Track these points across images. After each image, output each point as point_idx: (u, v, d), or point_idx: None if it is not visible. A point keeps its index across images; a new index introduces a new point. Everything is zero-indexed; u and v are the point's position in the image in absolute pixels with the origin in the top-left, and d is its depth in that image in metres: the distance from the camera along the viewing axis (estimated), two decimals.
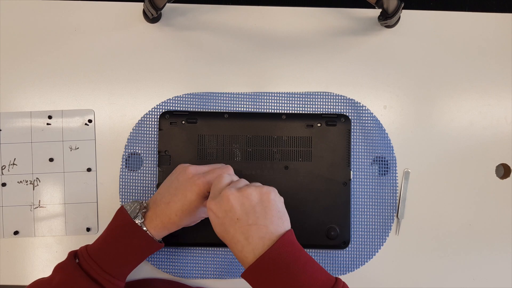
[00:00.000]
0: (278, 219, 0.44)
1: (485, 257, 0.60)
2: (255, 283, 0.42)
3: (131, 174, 0.60)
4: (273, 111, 0.61)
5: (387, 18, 0.58)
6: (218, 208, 0.44)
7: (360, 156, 0.60)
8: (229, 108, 0.61)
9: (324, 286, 0.41)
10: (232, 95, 0.61)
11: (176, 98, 0.61)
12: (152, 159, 0.60)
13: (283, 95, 0.61)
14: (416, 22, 0.62)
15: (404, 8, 0.59)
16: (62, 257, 0.59)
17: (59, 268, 0.49)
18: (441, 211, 0.61)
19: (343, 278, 0.60)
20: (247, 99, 0.61)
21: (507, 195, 0.61)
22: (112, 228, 0.50)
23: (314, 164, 0.59)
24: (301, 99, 0.61)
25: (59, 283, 0.47)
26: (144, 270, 0.59)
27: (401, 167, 0.61)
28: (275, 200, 0.45)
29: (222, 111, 0.60)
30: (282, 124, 0.59)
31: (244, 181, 0.48)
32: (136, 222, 0.48)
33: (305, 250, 0.59)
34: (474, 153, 0.61)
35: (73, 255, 0.49)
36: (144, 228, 0.49)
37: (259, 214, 0.43)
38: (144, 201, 0.51)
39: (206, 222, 0.58)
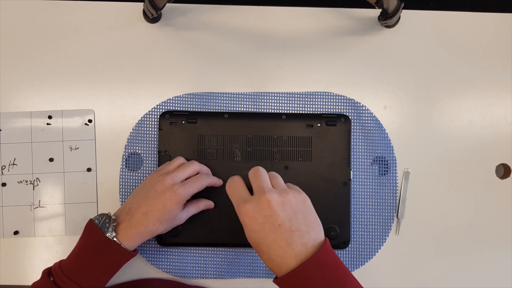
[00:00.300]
0: (317, 226, 0.44)
1: (485, 257, 0.60)
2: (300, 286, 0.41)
3: (131, 174, 0.60)
4: (273, 111, 0.61)
5: (387, 18, 0.58)
6: (257, 213, 0.42)
7: (360, 156, 0.60)
8: (229, 108, 0.61)
9: None
10: (232, 95, 0.61)
11: (176, 98, 0.61)
12: (152, 159, 0.60)
13: (283, 95, 0.61)
14: (416, 22, 0.62)
15: (404, 8, 0.59)
16: (62, 257, 0.59)
17: None
18: (441, 211, 0.61)
19: None
20: (247, 99, 0.61)
21: (507, 195, 0.61)
22: (84, 243, 0.49)
23: (314, 164, 0.59)
24: (301, 99, 0.61)
25: None
26: (144, 270, 0.59)
27: (401, 167, 0.61)
28: (312, 206, 0.45)
29: (222, 111, 0.60)
30: (282, 124, 0.59)
31: (278, 179, 0.47)
32: (108, 236, 0.48)
33: None
34: (474, 153, 0.61)
35: (47, 273, 0.49)
36: (118, 241, 0.48)
37: (300, 220, 0.42)
38: (109, 213, 0.51)
39: (206, 223, 0.58)
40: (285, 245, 0.41)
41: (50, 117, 0.61)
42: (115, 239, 0.48)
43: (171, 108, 0.61)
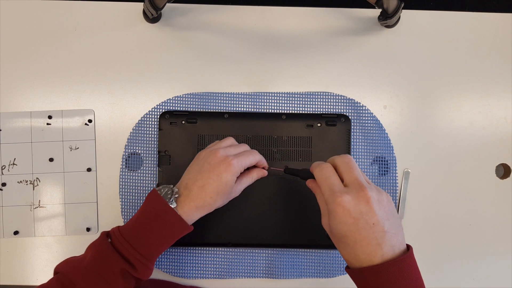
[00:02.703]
0: (401, 230, 0.44)
1: (485, 257, 0.60)
2: (372, 282, 0.41)
3: (131, 174, 0.60)
4: (273, 111, 0.61)
5: (387, 18, 0.58)
6: (354, 207, 0.41)
7: (360, 156, 0.60)
8: (229, 108, 0.61)
9: None
10: (232, 95, 0.61)
11: (176, 98, 0.61)
12: (152, 159, 0.60)
13: (283, 95, 0.61)
14: (416, 22, 0.62)
15: (404, 8, 0.59)
16: (62, 257, 0.59)
17: (91, 247, 0.49)
18: (441, 211, 0.61)
19: (343, 278, 0.60)
20: (247, 99, 0.61)
21: (507, 195, 0.61)
22: (145, 210, 0.49)
23: None
24: (301, 99, 0.61)
25: (91, 261, 0.47)
26: None
27: (401, 167, 0.61)
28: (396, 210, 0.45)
29: (222, 111, 0.60)
30: (282, 124, 0.59)
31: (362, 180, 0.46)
32: (172, 206, 0.48)
33: (305, 250, 0.60)
34: (474, 153, 0.61)
35: (106, 234, 0.49)
36: (178, 213, 0.48)
37: (391, 222, 0.42)
38: (172, 186, 0.51)
39: (206, 222, 0.58)
40: (375, 244, 0.41)
41: (50, 117, 0.61)
42: (176, 210, 0.48)
43: (171, 108, 0.60)
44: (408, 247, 0.43)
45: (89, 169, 0.60)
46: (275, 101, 0.61)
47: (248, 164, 0.52)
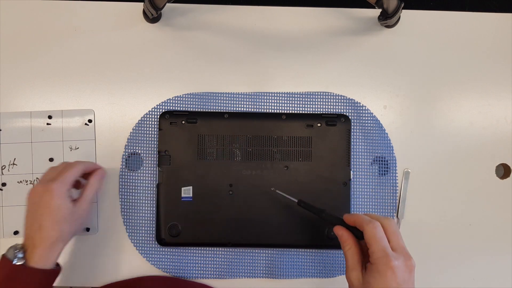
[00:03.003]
0: None
1: (485, 257, 0.60)
2: None
3: (131, 174, 0.60)
4: (273, 111, 0.61)
5: (387, 18, 0.58)
6: (400, 272, 0.44)
7: (360, 156, 0.60)
8: (229, 108, 0.61)
9: None
10: (232, 95, 0.61)
11: (176, 98, 0.61)
12: (152, 159, 0.60)
13: (283, 95, 0.61)
14: (416, 22, 0.62)
15: (404, 8, 0.59)
16: (62, 257, 0.59)
17: None
18: (441, 211, 0.61)
19: (343, 278, 0.60)
20: (247, 99, 0.61)
21: (507, 195, 0.61)
22: (2, 282, 0.46)
23: (314, 164, 0.59)
24: (301, 99, 0.61)
25: None
26: (144, 270, 0.59)
27: (401, 167, 0.61)
28: None
29: (222, 111, 0.60)
30: (282, 124, 0.59)
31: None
32: (18, 264, 0.46)
33: (305, 250, 0.59)
34: (474, 153, 0.61)
35: None
36: (31, 265, 0.47)
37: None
38: (17, 244, 0.49)
39: (206, 223, 0.58)
40: None
41: (50, 117, 0.61)
42: (26, 264, 0.46)
43: (171, 108, 0.60)
44: None
45: None
46: (275, 101, 0.61)
47: (72, 178, 0.50)
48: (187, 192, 0.58)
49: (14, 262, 0.46)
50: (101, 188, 0.52)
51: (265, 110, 0.61)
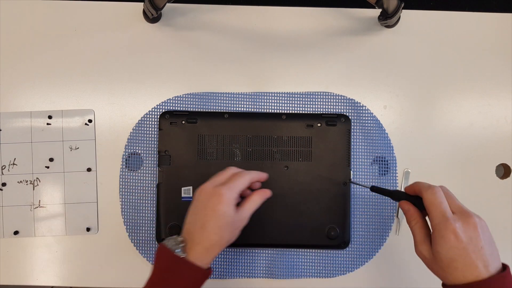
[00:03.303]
0: (497, 251, 0.46)
1: None
2: None
3: (131, 174, 0.60)
4: (273, 111, 0.61)
5: (387, 18, 0.58)
6: (463, 232, 0.44)
7: (360, 156, 0.60)
8: (229, 108, 0.61)
9: None
10: (232, 95, 0.61)
11: (176, 98, 0.61)
12: (152, 159, 0.60)
13: (283, 95, 0.61)
14: (416, 22, 0.62)
15: (404, 8, 0.59)
16: (62, 257, 0.60)
17: None
18: None
19: (343, 278, 0.60)
20: (247, 99, 0.61)
21: (507, 195, 0.61)
22: (158, 268, 0.47)
23: (314, 164, 0.59)
24: (301, 99, 0.61)
25: None
26: (144, 270, 0.59)
27: (401, 167, 0.61)
28: None
29: (222, 111, 0.60)
30: (282, 124, 0.59)
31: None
32: (181, 256, 0.47)
33: (305, 250, 0.59)
34: (474, 153, 0.61)
35: None
36: (191, 260, 0.47)
37: (493, 245, 0.45)
38: (176, 236, 0.49)
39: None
40: (482, 266, 0.43)
41: (50, 117, 0.61)
42: (187, 258, 0.47)
43: (171, 108, 0.60)
44: (505, 266, 0.45)
45: (89, 169, 0.60)
46: (275, 101, 0.61)
47: (241, 187, 0.50)
48: (187, 192, 0.58)
49: (176, 253, 0.47)
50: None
51: (265, 110, 0.61)
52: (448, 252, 0.44)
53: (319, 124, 0.59)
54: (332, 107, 0.61)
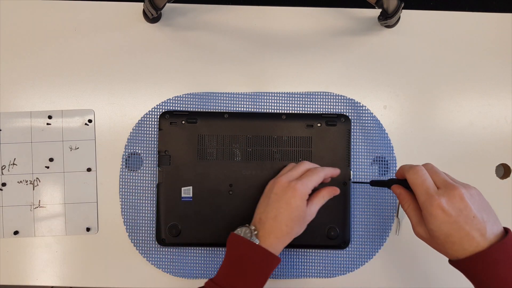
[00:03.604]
0: (495, 215, 0.45)
1: None
2: (483, 269, 0.43)
3: (131, 174, 0.60)
4: (273, 111, 0.61)
5: (387, 18, 0.58)
6: (451, 206, 0.43)
7: (360, 156, 0.60)
8: (229, 108, 0.61)
9: None
10: (232, 95, 0.61)
11: (176, 98, 0.61)
12: (152, 159, 0.60)
13: (283, 95, 0.61)
14: (416, 22, 0.62)
15: (404, 8, 0.59)
16: (62, 257, 0.60)
17: None
18: None
19: (343, 278, 0.60)
20: (247, 99, 0.61)
21: (507, 195, 0.61)
22: (233, 255, 0.49)
23: None
24: (301, 99, 0.61)
25: None
26: (144, 270, 0.59)
27: None
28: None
29: (222, 111, 0.60)
30: (282, 124, 0.59)
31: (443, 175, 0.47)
32: (257, 243, 0.49)
33: (305, 250, 0.59)
34: (474, 153, 0.61)
35: None
36: (265, 247, 0.49)
37: (487, 211, 0.44)
38: (247, 225, 0.51)
39: (206, 223, 0.58)
40: (478, 235, 0.43)
41: (50, 117, 0.61)
42: (261, 245, 0.49)
43: (171, 108, 0.60)
44: (507, 230, 0.44)
45: (89, 169, 0.60)
46: (275, 101, 0.61)
47: (314, 184, 0.51)
48: (187, 192, 0.58)
49: (252, 240, 0.49)
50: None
51: (265, 110, 0.61)
52: (440, 228, 0.44)
53: (319, 124, 0.59)
54: (332, 107, 0.61)
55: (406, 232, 0.60)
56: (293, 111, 0.61)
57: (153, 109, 0.61)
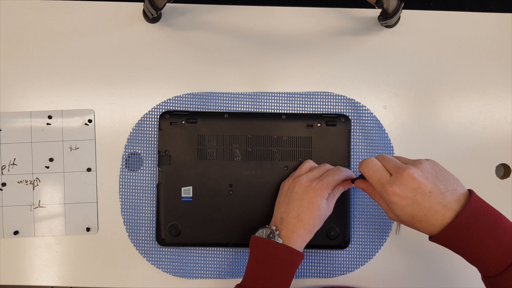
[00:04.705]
0: (457, 180, 0.45)
1: None
2: (458, 238, 0.43)
3: (131, 174, 0.60)
4: (273, 111, 0.61)
5: (387, 18, 0.58)
6: (404, 189, 0.44)
7: (360, 156, 0.60)
8: (229, 108, 0.61)
9: None
10: (232, 95, 0.61)
11: (176, 98, 0.61)
12: (152, 159, 0.60)
13: (283, 95, 0.61)
14: (416, 22, 0.62)
15: (404, 8, 0.59)
16: (62, 257, 0.60)
17: None
18: None
19: (343, 278, 0.60)
20: (247, 99, 0.61)
21: (507, 195, 0.61)
22: (257, 257, 0.50)
23: None
24: (301, 99, 0.61)
25: None
26: (144, 270, 0.59)
27: None
28: (442, 166, 0.47)
29: (222, 111, 0.60)
30: (282, 124, 0.59)
31: (393, 160, 0.48)
32: (281, 243, 0.50)
33: (305, 250, 0.59)
34: (474, 153, 0.61)
35: None
36: (288, 245, 0.50)
37: (444, 181, 0.44)
38: (267, 225, 0.52)
39: (206, 223, 0.58)
40: (441, 208, 0.43)
41: (50, 117, 0.61)
42: (285, 243, 0.50)
43: (171, 108, 0.61)
44: (470, 191, 0.45)
45: (89, 169, 0.60)
46: (275, 101, 0.61)
47: (335, 184, 0.52)
48: (187, 192, 0.58)
49: (275, 240, 0.50)
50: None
51: (265, 110, 0.61)
52: (403, 212, 0.44)
53: (319, 124, 0.59)
54: (332, 107, 0.61)
55: (406, 232, 0.60)
56: (293, 111, 0.61)
57: (153, 109, 0.61)
